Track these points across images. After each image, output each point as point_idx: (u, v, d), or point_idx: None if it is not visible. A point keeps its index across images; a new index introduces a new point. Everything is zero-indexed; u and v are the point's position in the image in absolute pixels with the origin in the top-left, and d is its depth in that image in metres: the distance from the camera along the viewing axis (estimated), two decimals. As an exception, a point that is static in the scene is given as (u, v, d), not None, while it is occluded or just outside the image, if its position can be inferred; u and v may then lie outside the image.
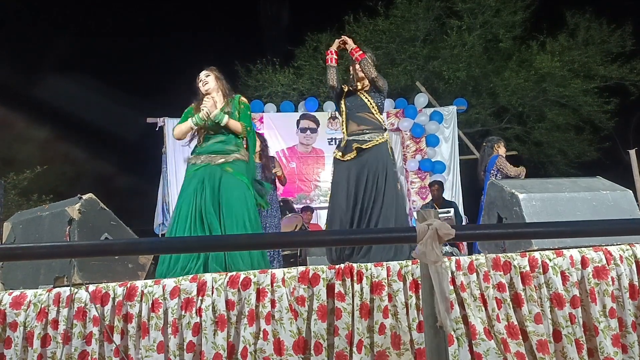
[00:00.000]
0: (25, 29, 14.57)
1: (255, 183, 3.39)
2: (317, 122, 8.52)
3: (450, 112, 8.65)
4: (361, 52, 3.62)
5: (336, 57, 3.70)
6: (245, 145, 3.41)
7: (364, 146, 3.50)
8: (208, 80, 3.41)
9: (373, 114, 3.61)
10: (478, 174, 5.38)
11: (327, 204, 3.75)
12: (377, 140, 3.52)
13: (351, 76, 3.83)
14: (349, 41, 3.66)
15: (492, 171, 5.07)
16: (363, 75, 3.66)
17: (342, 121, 3.73)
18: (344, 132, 3.68)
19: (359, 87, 3.72)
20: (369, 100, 3.62)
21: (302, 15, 14.64)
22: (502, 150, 5.22)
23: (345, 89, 3.78)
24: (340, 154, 3.61)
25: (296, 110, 8.79)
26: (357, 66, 3.67)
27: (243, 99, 3.47)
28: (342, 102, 3.72)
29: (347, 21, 12.00)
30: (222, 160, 3.25)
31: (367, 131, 3.56)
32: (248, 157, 3.37)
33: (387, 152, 3.55)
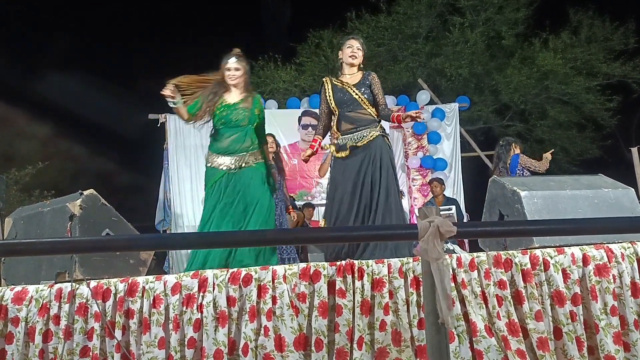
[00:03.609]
0: (26, 26, 14.58)
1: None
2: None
3: (452, 109, 8.63)
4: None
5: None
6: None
7: (358, 144, 3.44)
8: (237, 75, 3.44)
9: (365, 109, 3.48)
10: (495, 171, 5.42)
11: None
12: (371, 136, 3.43)
13: (340, 61, 3.64)
14: None
15: (517, 171, 5.15)
16: (353, 62, 3.54)
17: (334, 119, 3.62)
18: (336, 132, 3.58)
19: (348, 80, 3.55)
20: (358, 96, 3.48)
21: (304, 12, 14.60)
22: (518, 150, 5.37)
23: (329, 83, 3.61)
24: (334, 149, 3.56)
25: (299, 107, 8.78)
26: (349, 50, 3.54)
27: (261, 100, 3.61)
28: (332, 100, 3.56)
29: (350, 18, 11.98)
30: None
31: (361, 128, 3.47)
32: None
33: (382, 145, 3.45)
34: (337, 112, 3.57)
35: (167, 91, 3.25)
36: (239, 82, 3.46)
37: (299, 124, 8.49)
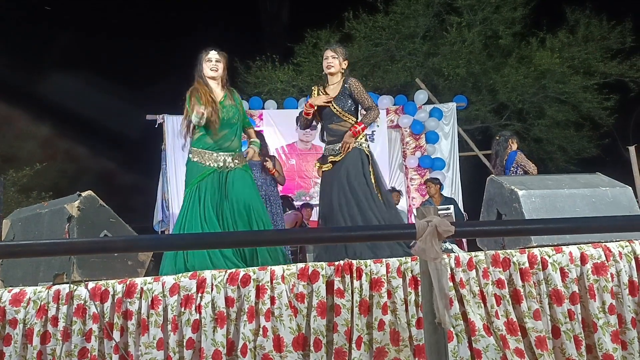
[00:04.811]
0: (26, 25, 14.54)
1: None
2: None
3: (449, 108, 8.64)
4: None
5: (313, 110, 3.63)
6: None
7: (337, 158, 3.51)
8: (218, 67, 3.42)
9: (345, 121, 3.53)
10: (494, 168, 5.42)
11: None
12: (347, 149, 3.48)
13: (323, 72, 3.71)
14: None
15: (512, 167, 5.12)
16: (330, 71, 3.58)
17: (320, 127, 3.75)
18: (321, 141, 3.74)
19: (330, 92, 3.60)
20: (337, 110, 3.54)
21: (301, 12, 14.59)
22: (515, 145, 5.32)
23: (316, 93, 3.70)
24: (318, 164, 3.66)
25: (297, 107, 8.78)
26: (325, 63, 3.59)
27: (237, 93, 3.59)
28: (316, 112, 3.66)
29: (347, 18, 11.97)
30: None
31: (339, 140, 3.52)
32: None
33: (356, 157, 3.47)
34: (321, 123, 3.65)
35: None
36: (220, 75, 3.43)
37: (297, 124, 8.49)
